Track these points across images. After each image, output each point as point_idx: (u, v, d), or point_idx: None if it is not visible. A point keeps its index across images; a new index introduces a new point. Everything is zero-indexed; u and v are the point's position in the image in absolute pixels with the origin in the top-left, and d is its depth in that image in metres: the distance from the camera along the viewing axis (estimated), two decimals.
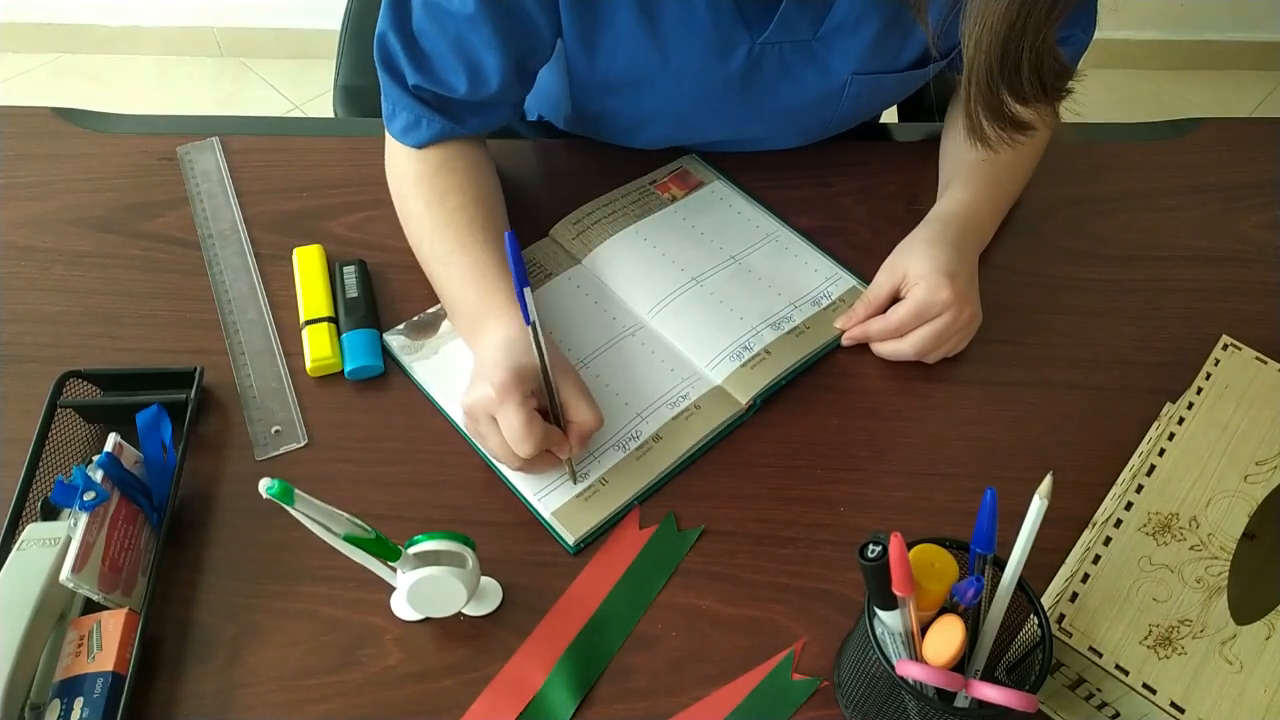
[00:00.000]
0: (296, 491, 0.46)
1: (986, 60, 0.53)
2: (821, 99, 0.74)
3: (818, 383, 0.68)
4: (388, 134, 0.71)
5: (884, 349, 0.69)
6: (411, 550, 0.53)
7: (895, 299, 0.69)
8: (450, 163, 0.70)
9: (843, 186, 0.81)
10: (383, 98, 0.70)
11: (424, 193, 0.69)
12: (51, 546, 0.53)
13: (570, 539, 0.59)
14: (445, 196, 0.69)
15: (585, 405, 0.60)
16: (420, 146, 0.70)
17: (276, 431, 0.64)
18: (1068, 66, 0.56)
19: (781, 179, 0.81)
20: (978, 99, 0.56)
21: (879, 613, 0.47)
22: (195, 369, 0.65)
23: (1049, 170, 0.82)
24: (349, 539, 0.49)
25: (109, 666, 0.51)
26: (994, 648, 0.49)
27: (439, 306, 0.71)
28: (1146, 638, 0.50)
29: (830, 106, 0.75)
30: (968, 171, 0.75)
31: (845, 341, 0.70)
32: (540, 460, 0.60)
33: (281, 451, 0.63)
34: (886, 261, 0.70)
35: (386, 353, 0.68)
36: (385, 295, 0.72)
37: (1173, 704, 0.48)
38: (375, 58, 0.67)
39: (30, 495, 0.57)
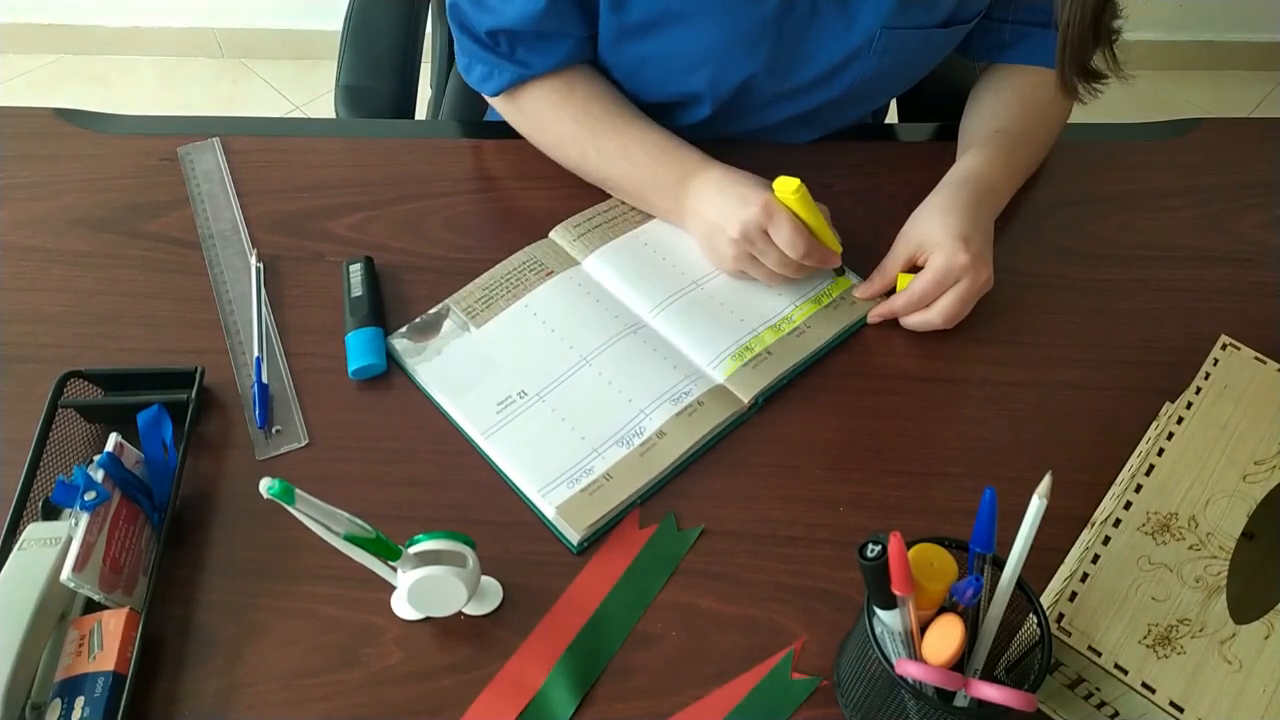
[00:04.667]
0: (297, 491, 0.46)
1: (1080, 24, 0.65)
2: (851, 53, 0.74)
3: (818, 383, 0.68)
4: (494, 99, 0.79)
5: (912, 321, 0.70)
6: (412, 550, 0.53)
7: (912, 266, 0.70)
8: (574, 86, 0.76)
9: (843, 187, 0.81)
10: (458, 53, 0.78)
11: (567, 114, 0.76)
12: (52, 546, 0.53)
13: (574, 538, 0.59)
14: (589, 106, 0.75)
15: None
16: (495, 94, 0.77)
17: (277, 431, 0.64)
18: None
19: None
20: (1071, 63, 0.68)
21: (878, 612, 0.47)
22: (196, 369, 0.65)
23: (1049, 170, 0.82)
24: (349, 538, 0.49)
25: (110, 666, 0.51)
26: (993, 647, 0.49)
27: (440, 307, 0.71)
28: (1145, 637, 0.50)
29: (857, 65, 0.75)
30: (982, 141, 0.75)
31: (871, 319, 0.71)
32: (809, 267, 0.69)
33: (282, 451, 0.64)
34: (902, 230, 0.71)
35: (388, 354, 0.68)
36: (386, 296, 0.72)
37: (1172, 703, 0.48)
38: (449, 20, 0.75)
39: (31, 495, 0.58)
